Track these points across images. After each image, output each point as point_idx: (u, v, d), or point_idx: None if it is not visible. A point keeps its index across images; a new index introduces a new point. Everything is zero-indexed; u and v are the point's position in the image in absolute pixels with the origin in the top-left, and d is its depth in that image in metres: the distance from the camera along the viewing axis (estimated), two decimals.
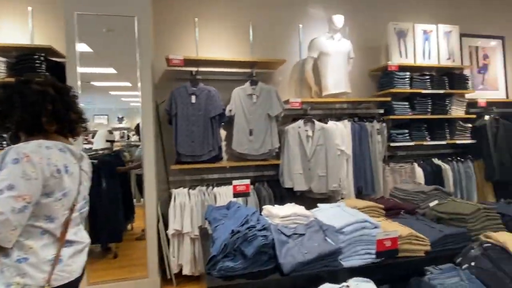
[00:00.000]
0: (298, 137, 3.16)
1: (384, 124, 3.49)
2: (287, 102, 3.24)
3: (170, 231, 2.79)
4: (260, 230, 1.63)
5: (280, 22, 3.59)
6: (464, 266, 1.50)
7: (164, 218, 2.92)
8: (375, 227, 1.65)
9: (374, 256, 1.59)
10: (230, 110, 3.07)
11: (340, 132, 3.31)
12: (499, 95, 4.33)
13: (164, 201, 3.03)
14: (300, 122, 3.20)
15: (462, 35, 4.11)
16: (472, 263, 1.48)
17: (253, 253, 1.51)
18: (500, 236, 1.48)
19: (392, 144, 3.52)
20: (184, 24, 3.28)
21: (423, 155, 3.77)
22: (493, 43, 4.40)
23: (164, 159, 3.13)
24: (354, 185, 3.31)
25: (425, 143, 3.62)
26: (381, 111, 3.61)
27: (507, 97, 4.36)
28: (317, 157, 3.17)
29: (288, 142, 3.16)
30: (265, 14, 3.53)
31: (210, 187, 3.02)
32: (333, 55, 3.39)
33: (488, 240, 1.51)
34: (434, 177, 3.53)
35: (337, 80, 3.40)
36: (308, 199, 3.12)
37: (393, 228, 1.67)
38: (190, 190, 2.93)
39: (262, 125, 3.14)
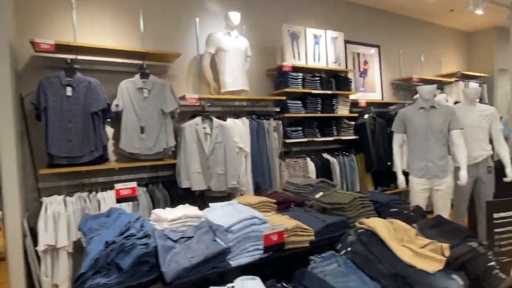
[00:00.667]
0: (196, 134, 3.04)
1: (280, 122, 3.63)
2: (183, 98, 3.08)
3: (41, 247, 2.35)
4: (140, 238, 1.46)
5: (175, 14, 3.39)
6: (342, 252, 1.59)
7: (33, 232, 2.45)
8: (264, 223, 1.64)
9: (262, 251, 1.57)
10: (117, 105, 2.74)
11: (239, 129, 3.30)
12: (376, 96, 4.97)
13: (35, 213, 2.54)
14: (198, 119, 3.08)
15: (346, 41, 4.56)
16: (349, 249, 1.58)
17: (130, 265, 1.34)
18: (371, 222, 1.61)
19: (287, 141, 3.68)
20: (58, 4, 2.81)
21: (314, 151, 4.06)
22: (372, 50, 5.02)
23: (32, 163, 2.63)
24: (252, 181, 3.35)
25: (316, 139, 3.88)
26: (277, 109, 3.74)
27: (382, 98, 5.04)
28: (216, 154, 3.10)
29: (185, 140, 3.01)
30: (157, 3, 3.29)
31: (93, 193, 2.65)
32: (231, 51, 3.37)
33: (362, 226, 1.63)
34: (324, 170, 3.82)
35: (235, 77, 3.39)
36: (208, 199, 3.02)
37: (282, 222, 1.68)
38: (67, 198, 2.52)
39: (155, 122, 2.90)
